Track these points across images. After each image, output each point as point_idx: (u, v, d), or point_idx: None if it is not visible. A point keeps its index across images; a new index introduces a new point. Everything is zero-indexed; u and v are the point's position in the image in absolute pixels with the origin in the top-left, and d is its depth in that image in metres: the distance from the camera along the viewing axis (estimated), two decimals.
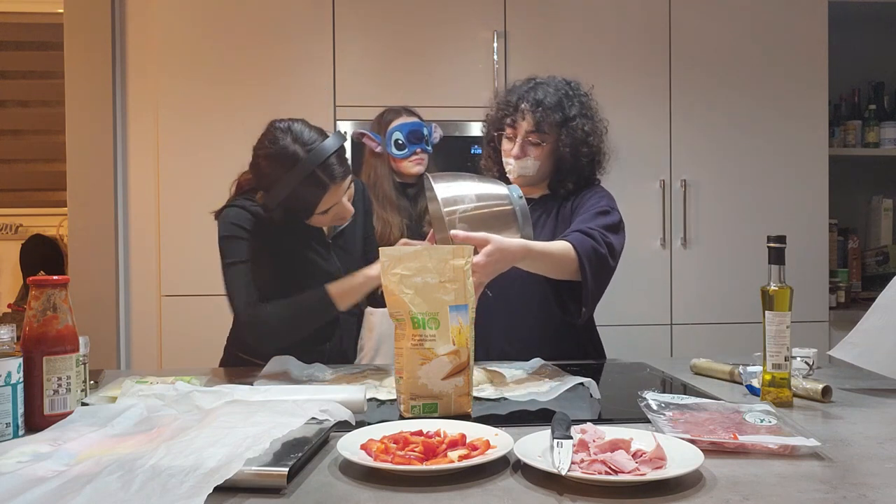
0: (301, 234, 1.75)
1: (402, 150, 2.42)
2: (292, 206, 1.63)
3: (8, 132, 3.77)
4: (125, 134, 2.89)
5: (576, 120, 1.81)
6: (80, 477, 0.90)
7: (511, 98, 1.86)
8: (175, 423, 1.11)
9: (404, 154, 2.42)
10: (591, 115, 1.86)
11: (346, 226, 1.84)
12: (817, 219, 3.02)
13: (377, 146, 2.45)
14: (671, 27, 2.97)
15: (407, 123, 2.44)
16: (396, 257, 1.30)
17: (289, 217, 1.66)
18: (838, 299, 3.19)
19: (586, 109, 1.86)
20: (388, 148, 2.42)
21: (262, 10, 2.84)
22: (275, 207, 1.62)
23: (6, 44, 3.72)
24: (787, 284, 1.35)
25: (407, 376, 1.26)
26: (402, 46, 2.87)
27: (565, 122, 1.81)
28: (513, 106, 1.84)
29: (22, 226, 3.72)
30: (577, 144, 1.81)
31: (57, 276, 1.22)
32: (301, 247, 1.75)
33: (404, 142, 2.41)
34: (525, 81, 1.89)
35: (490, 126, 1.93)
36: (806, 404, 1.36)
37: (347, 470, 0.99)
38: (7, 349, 1.13)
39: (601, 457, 0.95)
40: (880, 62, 3.46)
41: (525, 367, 1.64)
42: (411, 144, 2.42)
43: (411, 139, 2.42)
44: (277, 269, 1.71)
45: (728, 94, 2.97)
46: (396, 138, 2.42)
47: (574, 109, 1.82)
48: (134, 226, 2.88)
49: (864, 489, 0.91)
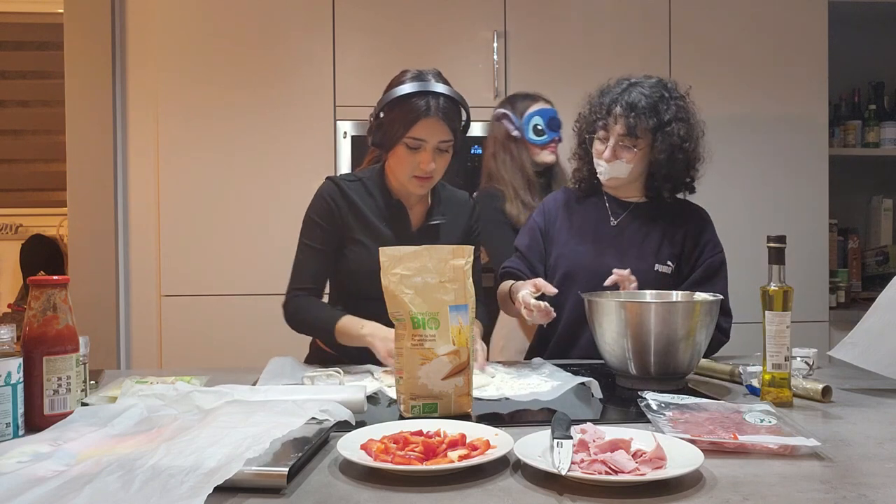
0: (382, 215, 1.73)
1: (542, 137, 2.33)
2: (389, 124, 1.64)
3: (8, 132, 3.76)
4: (125, 134, 2.89)
5: (671, 125, 1.75)
6: (80, 477, 0.90)
7: (604, 100, 1.80)
8: (175, 423, 1.11)
9: (543, 141, 2.34)
10: (688, 118, 1.79)
11: (443, 224, 1.78)
12: (817, 219, 3.02)
13: (514, 129, 2.37)
14: (671, 27, 2.97)
15: (547, 110, 2.37)
16: (397, 257, 1.30)
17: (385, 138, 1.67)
18: (838, 299, 3.19)
19: (682, 112, 1.79)
20: (527, 134, 2.33)
21: (262, 10, 2.84)
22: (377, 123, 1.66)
23: (6, 44, 3.72)
24: (787, 284, 1.36)
25: (407, 376, 1.26)
26: (402, 46, 2.87)
27: (660, 126, 1.75)
28: (605, 108, 1.78)
29: (22, 226, 3.71)
30: (673, 150, 1.76)
31: (57, 276, 1.22)
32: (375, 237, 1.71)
33: (544, 128, 2.33)
34: (618, 82, 1.83)
35: (582, 127, 1.88)
36: (806, 404, 1.36)
37: (347, 470, 0.99)
38: (7, 349, 1.13)
39: (601, 457, 0.95)
40: (880, 62, 3.46)
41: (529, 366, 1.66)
42: (550, 132, 2.35)
43: (552, 126, 2.35)
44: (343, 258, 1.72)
45: (728, 94, 2.97)
46: (536, 124, 2.33)
47: (669, 113, 1.76)
48: (134, 226, 2.88)
49: (864, 489, 0.91)
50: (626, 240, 1.83)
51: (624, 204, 1.87)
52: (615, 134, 1.77)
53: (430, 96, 1.62)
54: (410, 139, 1.63)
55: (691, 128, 1.79)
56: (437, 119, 1.62)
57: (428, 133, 1.63)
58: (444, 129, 1.64)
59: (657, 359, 1.44)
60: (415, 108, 1.62)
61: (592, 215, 1.88)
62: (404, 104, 1.62)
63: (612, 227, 1.85)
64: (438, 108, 1.62)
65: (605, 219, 1.87)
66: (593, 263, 1.80)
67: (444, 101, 1.63)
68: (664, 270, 1.80)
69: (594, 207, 1.89)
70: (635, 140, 1.76)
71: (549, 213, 1.93)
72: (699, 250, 1.84)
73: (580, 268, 1.81)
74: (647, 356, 1.45)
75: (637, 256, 1.80)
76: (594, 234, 1.86)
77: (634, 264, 1.76)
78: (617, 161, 1.78)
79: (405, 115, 1.62)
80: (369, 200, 1.74)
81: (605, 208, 1.88)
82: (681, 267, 1.83)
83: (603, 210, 1.88)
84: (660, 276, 1.79)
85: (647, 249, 1.81)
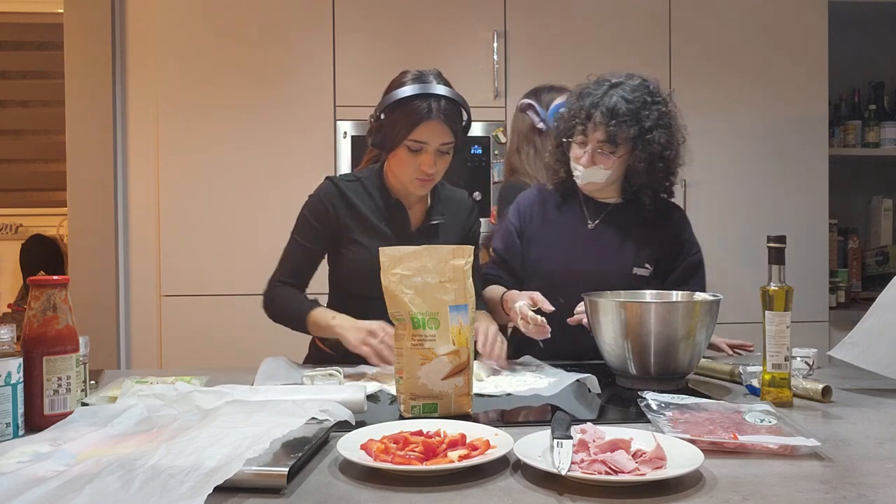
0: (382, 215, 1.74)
1: None
2: (389, 126, 1.64)
3: (8, 132, 3.76)
4: (125, 134, 2.89)
5: (652, 132, 1.69)
6: (80, 477, 0.90)
7: (584, 103, 1.73)
8: (175, 423, 1.11)
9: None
10: (670, 124, 1.73)
11: (442, 224, 1.78)
12: (817, 219, 3.02)
13: (540, 121, 2.30)
14: (671, 27, 2.97)
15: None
16: (397, 257, 1.30)
17: (385, 140, 1.67)
18: (838, 299, 3.19)
19: (665, 118, 1.72)
20: (552, 126, 2.19)
21: (262, 10, 2.84)
22: (377, 125, 1.67)
23: (6, 44, 3.72)
24: (787, 284, 1.35)
25: (407, 376, 1.26)
26: (402, 46, 2.87)
27: (640, 134, 1.69)
28: (585, 112, 1.72)
29: (22, 226, 3.71)
30: (653, 158, 1.70)
31: (57, 276, 1.22)
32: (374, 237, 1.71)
33: None
34: (598, 83, 1.75)
35: (560, 129, 1.81)
36: (806, 404, 1.36)
37: (347, 470, 0.99)
38: (7, 349, 1.13)
39: (601, 457, 0.95)
40: (880, 62, 3.46)
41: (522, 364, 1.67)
42: None
43: None
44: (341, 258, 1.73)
45: (728, 94, 2.97)
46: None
47: (651, 120, 1.69)
48: (134, 226, 2.88)
49: (864, 489, 0.91)
50: (603, 244, 1.80)
51: (601, 206, 1.83)
52: (594, 140, 1.71)
53: (431, 99, 1.62)
54: (412, 142, 1.63)
55: (672, 134, 1.73)
56: (439, 121, 1.62)
57: (429, 135, 1.63)
58: (445, 132, 1.64)
59: (657, 359, 1.44)
60: (416, 110, 1.61)
61: (569, 218, 1.85)
62: (406, 107, 1.62)
63: (590, 230, 1.82)
64: (440, 111, 1.62)
65: (583, 222, 1.83)
66: (570, 268, 1.78)
67: (446, 103, 1.63)
68: (642, 273, 1.78)
69: (571, 209, 1.86)
70: (615, 147, 1.70)
71: (524, 213, 1.89)
72: (677, 251, 1.82)
73: (557, 273, 1.79)
74: (647, 356, 1.45)
75: (615, 260, 1.78)
76: (572, 237, 1.82)
77: (612, 268, 1.75)
78: (595, 167, 1.73)
79: (407, 117, 1.62)
80: (368, 200, 1.74)
81: (583, 211, 1.84)
82: (659, 269, 1.81)
83: (580, 212, 1.84)
84: (638, 279, 1.76)
85: (625, 253, 1.79)
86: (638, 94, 1.70)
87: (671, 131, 1.73)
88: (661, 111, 1.72)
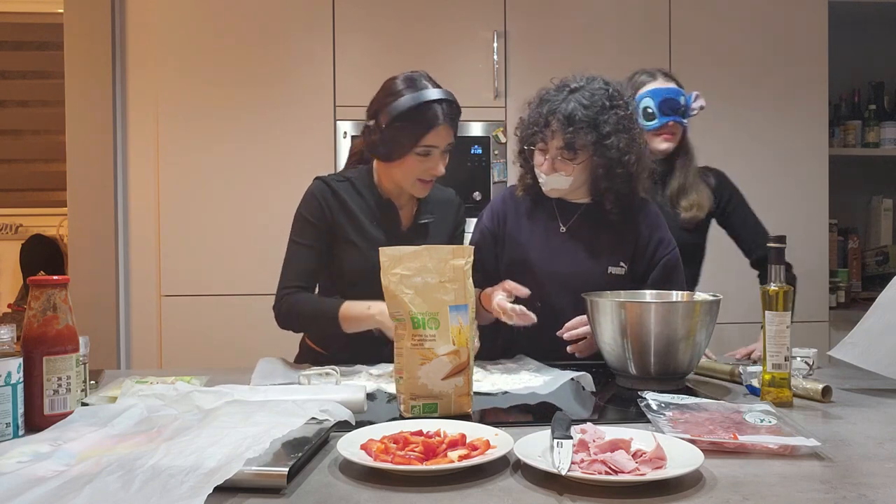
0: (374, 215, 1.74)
1: (652, 122, 2.03)
2: (395, 136, 1.64)
3: (8, 132, 3.76)
4: (125, 134, 2.89)
5: (610, 138, 1.67)
6: (80, 477, 0.90)
7: (542, 110, 1.72)
8: (175, 423, 1.11)
9: (653, 126, 2.03)
10: (629, 128, 1.71)
11: (431, 223, 1.79)
12: (817, 219, 3.02)
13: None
14: (671, 27, 2.97)
15: (661, 89, 2.05)
16: (396, 257, 1.30)
17: (393, 149, 1.66)
18: (838, 299, 3.19)
19: (623, 121, 1.70)
20: (637, 117, 1.97)
21: (262, 9, 2.84)
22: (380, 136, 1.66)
23: (6, 44, 3.72)
24: (787, 284, 1.36)
25: (407, 376, 1.26)
26: (402, 46, 2.87)
27: (599, 140, 1.67)
28: (543, 119, 1.70)
29: (22, 226, 3.71)
30: (612, 164, 1.69)
31: (57, 276, 1.22)
32: (366, 237, 1.72)
33: (655, 111, 2.03)
34: (558, 88, 1.74)
35: (521, 137, 1.80)
36: (806, 404, 1.36)
37: (347, 470, 0.99)
38: (7, 349, 1.13)
39: (601, 457, 0.95)
40: (880, 62, 3.46)
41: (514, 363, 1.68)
42: (662, 116, 2.03)
43: (664, 109, 2.03)
44: (333, 259, 1.73)
45: (728, 94, 2.97)
46: (646, 106, 2.04)
47: (609, 125, 1.67)
48: (134, 226, 2.88)
49: (864, 489, 0.91)
50: (577, 245, 1.79)
51: (573, 206, 1.82)
52: (553, 147, 1.70)
53: (434, 104, 1.64)
54: (422, 147, 1.65)
55: (632, 139, 1.70)
56: (446, 125, 1.65)
57: (438, 140, 1.66)
58: (450, 133, 1.68)
59: (657, 359, 1.44)
60: (424, 118, 1.63)
61: (541, 222, 1.83)
62: (412, 116, 1.63)
63: (562, 233, 1.81)
64: (446, 115, 1.65)
65: (555, 225, 1.82)
66: (545, 270, 1.77)
67: (447, 106, 1.65)
68: (617, 272, 1.77)
69: (543, 212, 1.84)
70: (574, 154, 1.69)
71: (497, 215, 1.88)
72: (652, 249, 1.80)
73: (532, 275, 1.77)
74: (647, 356, 1.45)
75: (589, 260, 1.77)
76: (546, 239, 1.81)
77: (587, 268, 1.75)
78: (556, 174, 1.72)
79: (415, 126, 1.63)
80: (359, 200, 1.74)
81: (554, 213, 1.83)
82: (633, 267, 1.80)
83: (552, 215, 1.83)
84: (613, 278, 1.76)
85: (599, 253, 1.78)
86: (596, 99, 1.68)
87: (631, 136, 1.70)
88: (620, 115, 1.70)
